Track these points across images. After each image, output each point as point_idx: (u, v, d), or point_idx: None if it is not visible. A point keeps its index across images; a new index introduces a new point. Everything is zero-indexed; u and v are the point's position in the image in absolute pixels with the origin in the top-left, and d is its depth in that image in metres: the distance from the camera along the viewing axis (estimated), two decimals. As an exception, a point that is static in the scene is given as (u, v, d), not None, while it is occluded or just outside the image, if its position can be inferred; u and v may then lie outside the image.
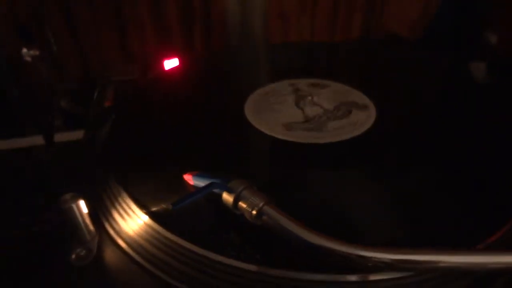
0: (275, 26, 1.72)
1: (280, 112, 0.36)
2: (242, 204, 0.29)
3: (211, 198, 0.29)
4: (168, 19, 1.55)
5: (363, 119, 0.37)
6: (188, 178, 0.32)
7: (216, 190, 0.29)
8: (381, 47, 0.61)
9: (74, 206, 0.27)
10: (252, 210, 0.29)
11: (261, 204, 0.28)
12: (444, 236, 0.31)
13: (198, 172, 0.31)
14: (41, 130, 0.44)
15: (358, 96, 0.40)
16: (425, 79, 0.50)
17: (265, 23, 1.69)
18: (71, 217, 0.26)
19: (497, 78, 1.69)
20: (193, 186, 0.32)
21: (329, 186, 0.32)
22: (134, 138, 0.34)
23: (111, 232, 0.30)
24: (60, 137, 0.45)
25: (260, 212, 0.28)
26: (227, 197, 0.29)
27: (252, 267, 0.26)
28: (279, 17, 1.73)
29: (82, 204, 0.28)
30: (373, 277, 0.28)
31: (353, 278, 0.26)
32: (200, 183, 0.31)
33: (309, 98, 0.38)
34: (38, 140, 0.46)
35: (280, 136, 0.34)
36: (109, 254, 0.28)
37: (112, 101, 0.39)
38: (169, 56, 0.51)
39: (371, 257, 0.25)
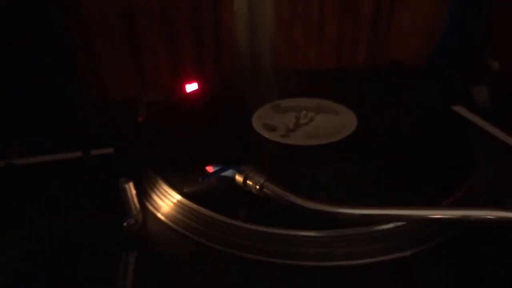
0: (283, 53, 1.80)
1: (278, 122, 0.44)
2: (249, 182, 0.37)
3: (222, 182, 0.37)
4: (182, 47, 1.64)
5: (346, 125, 0.43)
6: (209, 168, 0.39)
7: (229, 173, 0.36)
8: (371, 74, 0.69)
9: (126, 186, 0.35)
10: (256, 185, 0.35)
11: (262, 181, 0.35)
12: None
13: (216, 165, 0.38)
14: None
15: (338, 107, 0.47)
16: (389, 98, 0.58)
17: (273, 51, 1.78)
18: (124, 195, 0.34)
19: (499, 102, 1.74)
20: (213, 178, 0.39)
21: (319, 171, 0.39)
22: (165, 142, 0.43)
23: (150, 207, 0.38)
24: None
25: (261, 187, 0.35)
26: (238, 177, 0.38)
27: (251, 226, 0.33)
28: (286, 45, 1.80)
29: (131, 185, 0.37)
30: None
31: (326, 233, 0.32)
32: (219, 172, 0.38)
33: (304, 112, 0.46)
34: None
35: (275, 139, 0.42)
36: (150, 223, 0.36)
37: (145, 117, 0.47)
38: (190, 81, 0.58)
39: (341, 212, 0.31)
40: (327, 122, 0.44)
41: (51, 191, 0.46)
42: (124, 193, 0.35)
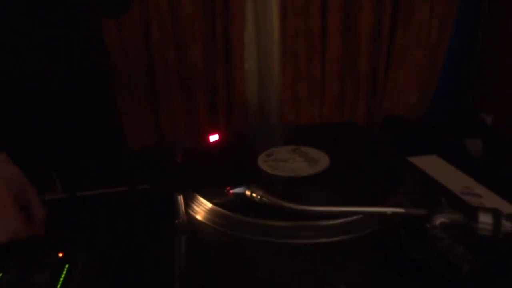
0: (288, 108, 1.94)
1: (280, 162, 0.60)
2: (254, 194, 0.54)
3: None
4: (197, 103, 1.80)
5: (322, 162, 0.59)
6: (229, 188, 0.53)
7: (241, 190, 0.49)
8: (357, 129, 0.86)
9: (178, 198, 0.50)
10: (258, 196, 0.55)
11: (261, 193, 0.50)
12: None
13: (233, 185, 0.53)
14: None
15: (318, 153, 0.62)
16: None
17: (279, 106, 1.93)
18: (176, 203, 0.48)
19: (493, 154, 1.84)
20: (232, 193, 0.58)
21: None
22: (197, 173, 0.57)
23: (191, 212, 0.61)
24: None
25: (261, 197, 0.53)
26: (248, 192, 0.55)
27: (253, 220, 0.54)
28: (292, 101, 1.94)
29: (181, 197, 0.51)
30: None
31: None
32: (236, 189, 0.52)
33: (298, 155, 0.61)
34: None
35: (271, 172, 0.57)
36: (191, 221, 0.58)
37: (182, 156, 0.62)
38: (213, 133, 0.71)
39: (312, 210, 0.50)
40: (303, 162, 0.65)
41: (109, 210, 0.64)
42: (176, 202, 0.52)
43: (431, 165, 0.72)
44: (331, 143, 0.72)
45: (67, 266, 0.54)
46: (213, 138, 0.71)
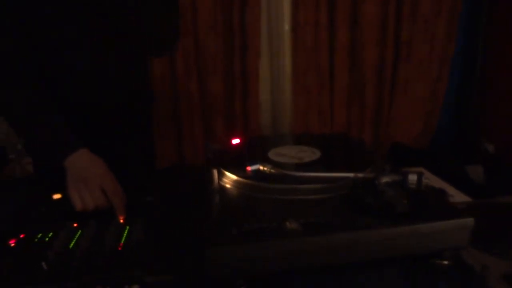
0: (299, 124, 2.07)
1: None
2: (264, 168, 0.71)
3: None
4: (215, 130, 1.96)
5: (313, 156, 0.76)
6: (248, 168, 0.68)
7: (256, 166, 0.70)
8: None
9: (214, 171, 0.69)
10: (265, 168, 0.72)
11: (270, 166, 0.71)
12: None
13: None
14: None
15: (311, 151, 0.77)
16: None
17: (290, 119, 2.07)
18: (212, 175, 0.62)
19: (493, 180, 1.92)
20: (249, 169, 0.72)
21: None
22: (225, 162, 0.70)
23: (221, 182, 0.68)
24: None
25: (270, 169, 0.71)
26: (261, 166, 0.71)
27: (264, 185, 0.67)
28: (302, 130, 2.08)
29: (215, 172, 0.68)
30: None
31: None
32: (252, 166, 0.70)
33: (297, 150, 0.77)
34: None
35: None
36: (222, 188, 0.70)
37: (213, 153, 0.78)
38: (235, 137, 0.86)
39: (299, 175, 0.67)
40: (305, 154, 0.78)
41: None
42: (212, 175, 0.68)
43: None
44: (325, 143, 0.88)
45: (127, 227, 0.72)
46: (235, 141, 0.86)
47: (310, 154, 0.77)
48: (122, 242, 0.67)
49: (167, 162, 1.91)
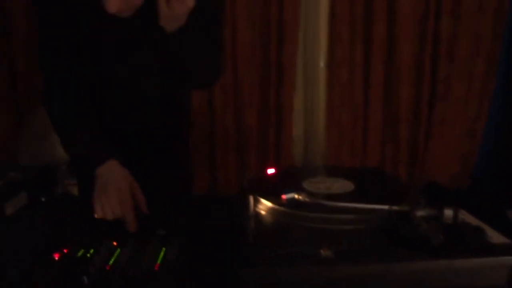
0: (331, 158, 2.07)
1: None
2: (300, 197, 0.72)
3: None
4: (249, 161, 1.99)
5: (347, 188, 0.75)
6: (283, 196, 0.68)
7: (291, 195, 0.71)
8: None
9: (250, 197, 0.66)
10: (296, 196, 0.73)
11: (304, 195, 0.74)
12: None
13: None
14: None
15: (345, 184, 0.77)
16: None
17: (323, 153, 2.07)
18: (248, 202, 0.64)
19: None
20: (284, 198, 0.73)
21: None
22: (260, 189, 0.72)
23: (257, 208, 0.68)
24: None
25: (304, 198, 0.72)
26: (296, 195, 0.72)
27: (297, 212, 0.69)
28: (335, 134, 2.07)
29: (251, 199, 0.67)
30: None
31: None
32: (288, 195, 0.72)
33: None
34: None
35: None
36: (258, 212, 0.71)
37: (249, 181, 0.80)
38: (270, 167, 0.88)
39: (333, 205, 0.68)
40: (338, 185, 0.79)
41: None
42: (248, 201, 0.67)
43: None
44: (359, 176, 0.88)
45: (164, 248, 0.73)
46: (270, 171, 0.89)
47: (344, 185, 0.79)
48: (158, 262, 0.70)
49: (199, 191, 1.94)
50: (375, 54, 1.92)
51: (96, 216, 0.82)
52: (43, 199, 0.92)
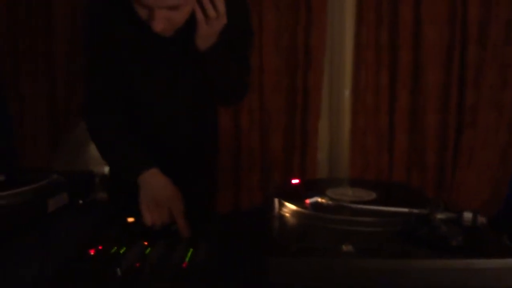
0: (355, 167, 2.06)
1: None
2: (323, 200, 0.76)
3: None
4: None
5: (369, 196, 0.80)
6: (307, 201, 0.71)
7: (314, 199, 0.75)
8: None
9: (275, 200, 0.70)
10: (319, 199, 0.76)
11: (328, 199, 0.75)
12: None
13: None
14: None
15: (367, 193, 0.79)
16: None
17: (347, 175, 2.07)
18: (273, 204, 0.68)
19: None
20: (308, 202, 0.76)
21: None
22: (285, 194, 0.75)
23: (281, 211, 0.74)
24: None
25: (328, 201, 0.76)
26: (319, 199, 0.76)
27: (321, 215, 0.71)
28: (359, 159, 2.07)
29: (276, 201, 0.70)
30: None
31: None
32: (312, 199, 0.75)
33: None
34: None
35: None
36: (282, 214, 0.75)
37: (275, 188, 0.85)
38: (295, 178, 0.92)
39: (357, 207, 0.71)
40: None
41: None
42: (273, 204, 0.72)
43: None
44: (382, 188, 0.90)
45: (191, 249, 0.78)
46: (295, 181, 0.93)
47: (366, 194, 0.81)
48: (186, 260, 0.73)
49: (222, 211, 1.98)
50: (400, 80, 1.95)
51: (146, 224, 0.86)
52: (81, 202, 0.98)
